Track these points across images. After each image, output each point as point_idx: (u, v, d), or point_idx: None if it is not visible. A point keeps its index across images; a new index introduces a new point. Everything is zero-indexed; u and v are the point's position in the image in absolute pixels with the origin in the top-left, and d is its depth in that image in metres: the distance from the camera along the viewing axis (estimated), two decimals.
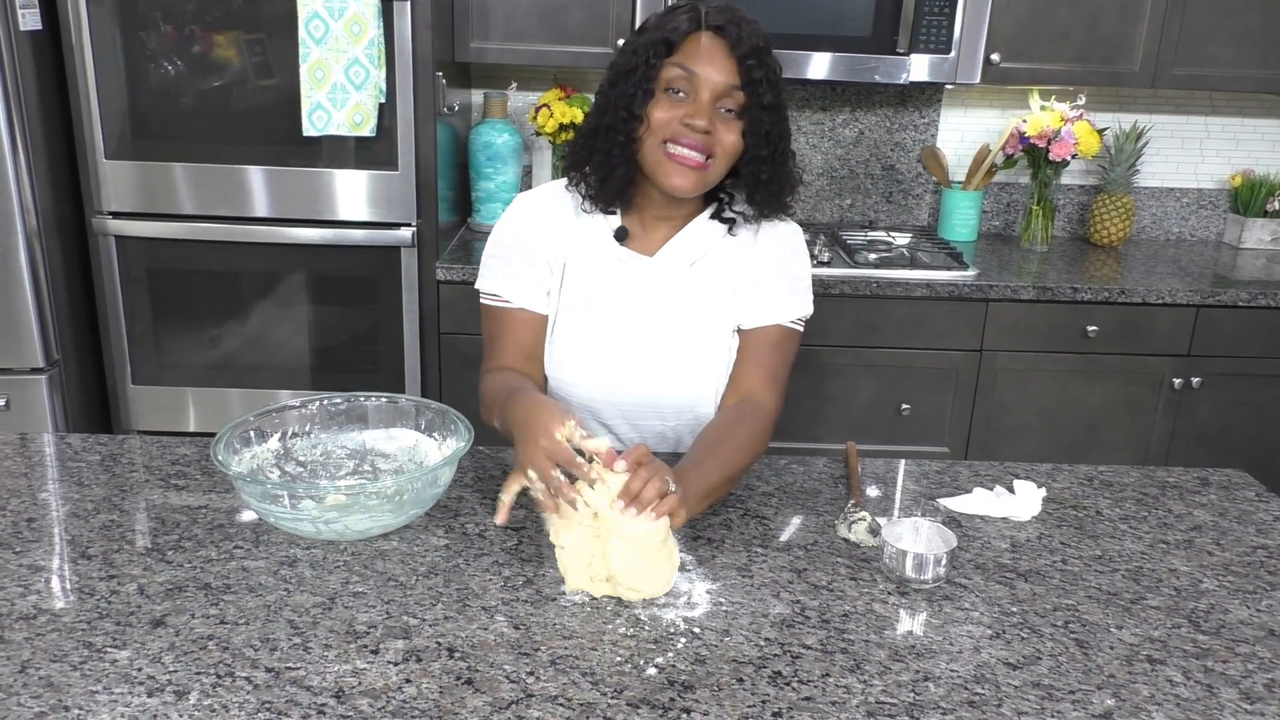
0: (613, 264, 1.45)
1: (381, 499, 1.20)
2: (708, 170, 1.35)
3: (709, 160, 1.34)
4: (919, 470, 1.50)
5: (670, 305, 1.45)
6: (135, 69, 2.36)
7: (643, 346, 1.45)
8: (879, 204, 3.16)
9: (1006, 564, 1.23)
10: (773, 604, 1.12)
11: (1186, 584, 1.21)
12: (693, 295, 1.46)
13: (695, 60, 1.32)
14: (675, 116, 1.33)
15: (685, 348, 1.46)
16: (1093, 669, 1.03)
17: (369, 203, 2.45)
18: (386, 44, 2.33)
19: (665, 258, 1.45)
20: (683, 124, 1.32)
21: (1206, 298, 2.57)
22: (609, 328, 1.45)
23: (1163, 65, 2.70)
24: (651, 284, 1.45)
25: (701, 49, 1.33)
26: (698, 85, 1.32)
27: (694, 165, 1.34)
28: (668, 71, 1.33)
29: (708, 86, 1.32)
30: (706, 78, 1.32)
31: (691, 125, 1.32)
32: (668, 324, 1.45)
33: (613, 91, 1.35)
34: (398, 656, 1.00)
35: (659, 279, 1.45)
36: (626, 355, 1.45)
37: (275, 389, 2.58)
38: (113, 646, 1.00)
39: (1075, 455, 2.69)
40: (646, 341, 1.45)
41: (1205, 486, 1.48)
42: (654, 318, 1.45)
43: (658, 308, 1.45)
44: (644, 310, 1.45)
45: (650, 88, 1.33)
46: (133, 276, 2.50)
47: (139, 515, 1.28)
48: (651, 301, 1.45)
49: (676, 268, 1.46)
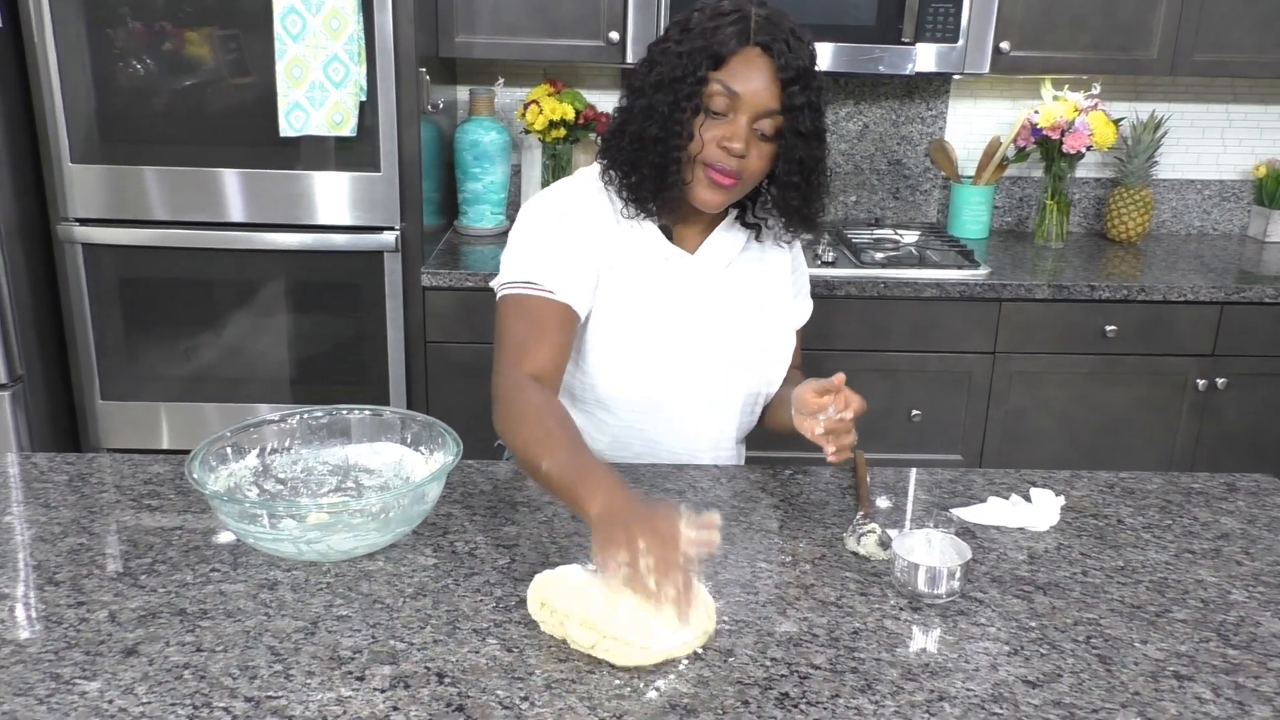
0: (660, 263, 1.49)
1: (366, 517, 1.19)
2: (735, 190, 1.40)
3: (738, 183, 1.39)
4: (931, 479, 1.50)
5: (714, 303, 1.52)
6: (102, 68, 2.36)
7: (687, 346, 1.50)
8: (885, 201, 3.16)
9: (1024, 577, 1.23)
10: (779, 622, 1.12)
11: (1214, 595, 1.21)
12: (730, 297, 1.53)
13: (738, 79, 1.34)
14: (715, 137, 1.36)
15: (733, 346, 1.52)
16: (1116, 686, 1.03)
17: (350, 206, 2.45)
18: (367, 39, 2.34)
19: (705, 256, 1.52)
20: (720, 146, 1.35)
21: (1230, 294, 2.57)
22: (654, 328, 1.48)
23: (1182, 51, 2.71)
24: (697, 282, 1.51)
25: (746, 68, 1.34)
26: (738, 106, 1.35)
27: (726, 185, 1.38)
28: (710, 87, 1.35)
29: (748, 109, 1.35)
30: (748, 100, 1.34)
31: (729, 149, 1.35)
32: (710, 324, 1.51)
33: (656, 97, 1.36)
34: (384, 683, 1.00)
35: (702, 277, 1.51)
36: (671, 356, 1.49)
37: (253, 403, 2.58)
38: (82, 678, 1.00)
39: (1095, 461, 2.69)
40: (691, 341, 1.50)
41: (1232, 492, 1.48)
42: (703, 313, 1.51)
43: (704, 304, 1.51)
44: (693, 307, 1.50)
45: (699, 103, 1.35)
46: (101, 286, 2.50)
47: (109, 538, 1.27)
48: (699, 298, 1.51)
49: (715, 268, 1.52)
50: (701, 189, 1.39)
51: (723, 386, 1.53)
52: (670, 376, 1.49)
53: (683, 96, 1.35)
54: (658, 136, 1.37)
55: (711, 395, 1.53)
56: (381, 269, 2.49)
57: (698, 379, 1.51)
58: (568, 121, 2.74)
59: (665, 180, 1.39)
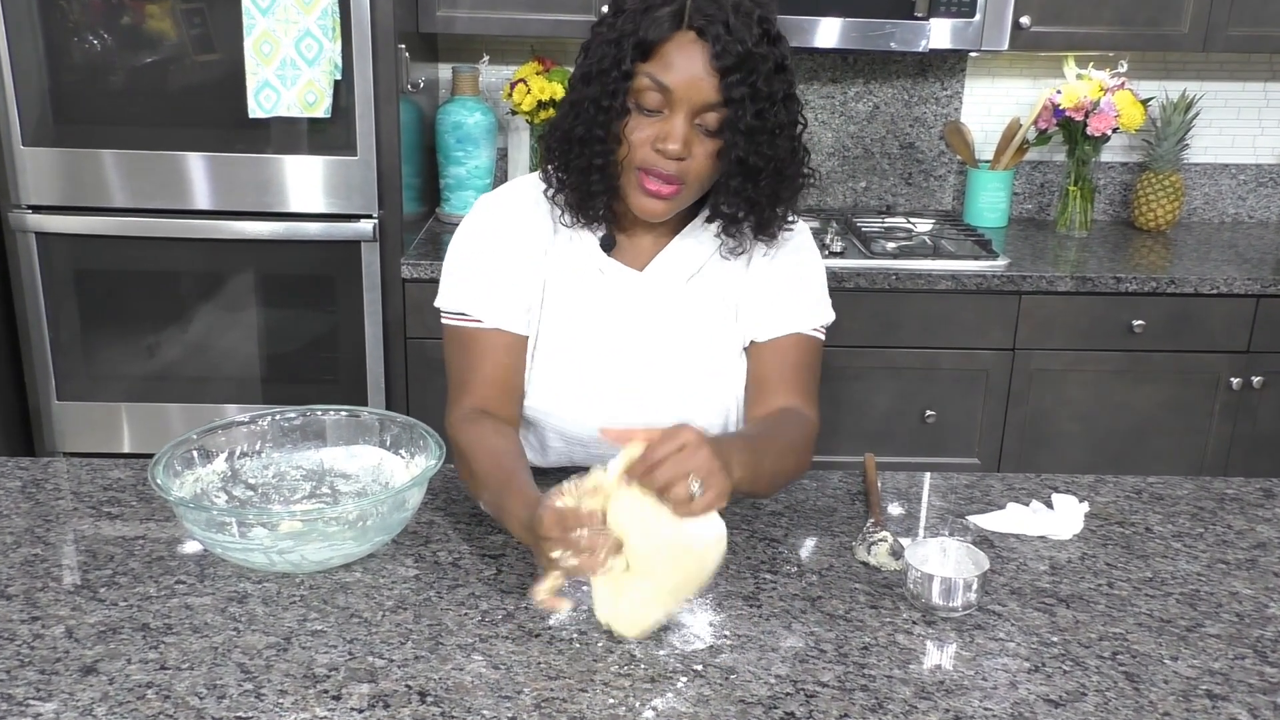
0: (595, 276, 1.42)
1: (342, 525, 1.19)
2: (678, 197, 1.32)
3: (681, 188, 1.31)
4: (946, 484, 1.50)
5: (664, 326, 1.42)
6: (55, 43, 2.35)
7: (633, 372, 1.43)
8: (897, 186, 3.17)
9: (1045, 588, 1.23)
10: (784, 636, 1.12)
11: (1250, 609, 1.21)
12: (690, 315, 1.43)
13: (669, 71, 1.25)
14: (647, 139, 1.27)
15: (683, 374, 1.43)
16: (1145, 706, 1.03)
17: (325, 192, 2.45)
18: (342, 13, 2.33)
19: (657, 272, 1.42)
20: (654, 149, 1.27)
21: (1267, 287, 2.58)
22: (594, 351, 1.42)
23: (1215, 26, 2.72)
24: (642, 301, 1.42)
25: (679, 56, 1.25)
26: (672, 101, 1.26)
27: (665, 194, 1.30)
28: (639, 81, 1.26)
29: (684, 104, 1.25)
30: (681, 95, 1.25)
31: (663, 151, 1.26)
32: (661, 347, 1.43)
33: (586, 91, 1.29)
34: (362, 702, 1.00)
35: (650, 296, 1.42)
36: (616, 382, 1.42)
37: (221, 403, 2.58)
38: (36, 699, 1.00)
39: (1121, 465, 2.70)
40: (638, 367, 1.43)
41: (1269, 499, 1.49)
42: (645, 340, 1.42)
43: (649, 328, 1.42)
44: (633, 331, 1.42)
45: (624, 101, 1.27)
46: (56, 278, 2.49)
47: (66, 548, 1.27)
48: (642, 321, 1.42)
49: (670, 283, 1.43)
50: (638, 197, 1.30)
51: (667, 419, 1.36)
52: (608, 403, 1.42)
53: (607, 93, 1.26)
54: (583, 138, 1.29)
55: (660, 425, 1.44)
56: (358, 259, 2.49)
57: (639, 410, 1.40)
58: (557, 102, 2.74)
59: (591, 188, 1.31)
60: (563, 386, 1.43)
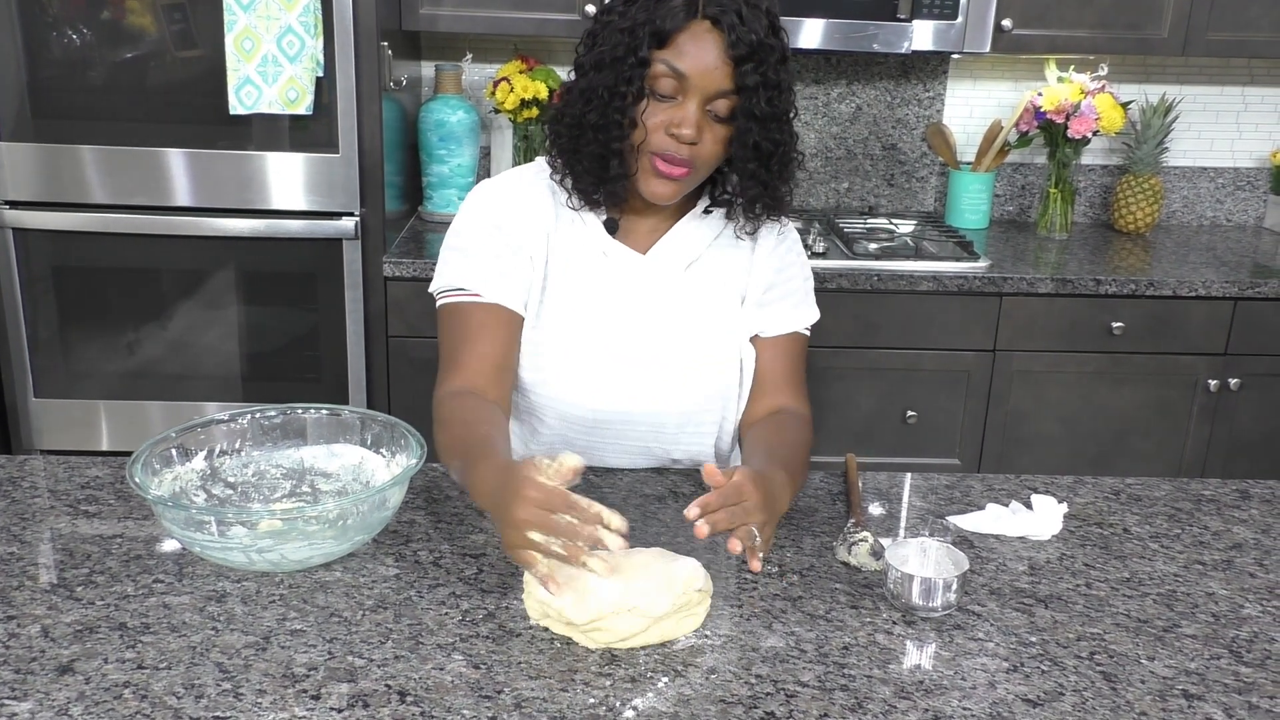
0: (599, 259, 1.45)
1: (322, 524, 1.19)
2: (687, 180, 1.37)
3: (690, 171, 1.35)
4: (926, 485, 1.51)
5: (666, 308, 1.46)
6: (34, 38, 2.34)
7: (636, 353, 1.46)
8: (879, 188, 3.18)
9: (1024, 588, 1.24)
10: (764, 636, 1.12)
11: (1226, 609, 1.22)
12: (691, 299, 1.47)
13: (684, 58, 1.30)
14: (661, 124, 1.32)
15: (686, 356, 1.47)
16: (1122, 705, 1.04)
17: (306, 190, 2.44)
18: (324, 10, 2.33)
19: (659, 256, 1.47)
20: (668, 133, 1.32)
21: (1245, 289, 2.60)
22: (598, 331, 1.45)
23: (1195, 30, 2.74)
24: (645, 284, 1.46)
25: (694, 45, 1.30)
26: (686, 88, 1.31)
27: (676, 176, 1.35)
28: (655, 68, 1.31)
29: (697, 91, 1.31)
30: (696, 81, 1.30)
31: (678, 136, 1.32)
32: (663, 329, 1.46)
33: (597, 78, 1.33)
34: (342, 702, 1.00)
35: (654, 279, 1.46)
36: (618, 362, 1.45)
37: (201, 401, 2.57)
38: (11, 698, 0.99)
39: (1100, 466, 2.71)
40: (640, 347, 1.46)
41: (1246, 500, 1.50)
42: (648, 321, 1.46)
43: (652, 310, 1.46)
44: (637, 312, 1.46)
45: (641, 87, 1.32)
46: (34, 274, 2.48)
47: (42, 547, 1.26)
48: (645, 303, 1.46)
49: (672, 267, 1.47)
50: (649, 180, 1.36)
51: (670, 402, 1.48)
52: (610, 384, 1.45)
53: (623, 80, 1.31)
54: (597, 124, 1.33)
55: (657, 413, 1.48)
56: (340, 257, 2.48)
57: (642, 392, 1.46)
58: (540, 101, 2.74)
59: (606, 172, 1.36)
60: (564, 366, 1.45)
